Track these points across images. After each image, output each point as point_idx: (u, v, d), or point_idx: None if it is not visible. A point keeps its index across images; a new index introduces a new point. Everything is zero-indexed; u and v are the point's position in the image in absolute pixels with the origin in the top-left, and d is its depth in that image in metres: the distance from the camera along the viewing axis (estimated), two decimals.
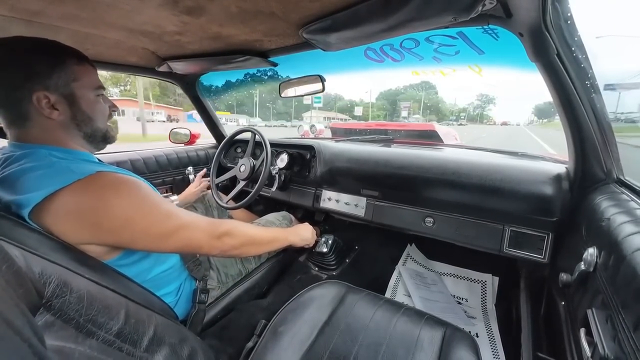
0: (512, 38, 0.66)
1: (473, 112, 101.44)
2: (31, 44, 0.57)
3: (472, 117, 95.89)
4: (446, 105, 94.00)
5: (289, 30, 0.82)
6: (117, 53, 1.04)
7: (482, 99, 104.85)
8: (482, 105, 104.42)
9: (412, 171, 1.08)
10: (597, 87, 0.65)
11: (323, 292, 0.81)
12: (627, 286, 0.42)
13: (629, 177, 0.72)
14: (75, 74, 0.60)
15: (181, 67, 1.18)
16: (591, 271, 0.54)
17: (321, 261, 1.32)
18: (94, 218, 0.53)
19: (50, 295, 0.36)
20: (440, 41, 0.91)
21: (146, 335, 0.46)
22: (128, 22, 0.76)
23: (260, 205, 1.90)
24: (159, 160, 1.50)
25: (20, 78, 0.55)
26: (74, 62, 0.60)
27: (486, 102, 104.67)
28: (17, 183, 0.51)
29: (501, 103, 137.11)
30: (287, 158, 1.41)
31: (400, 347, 0.65)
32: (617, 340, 0.41)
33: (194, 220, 0.67)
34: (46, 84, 0.56)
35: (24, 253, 0.37)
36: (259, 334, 0.73)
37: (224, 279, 0.96)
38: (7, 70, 0.54)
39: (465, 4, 0.56)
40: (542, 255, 0.89)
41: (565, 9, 0.55)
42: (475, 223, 1.00)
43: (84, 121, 0.63)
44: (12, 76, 0.54)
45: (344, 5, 0.64)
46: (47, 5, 0.65)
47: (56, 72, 0.57)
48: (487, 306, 1.19)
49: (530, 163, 0.98)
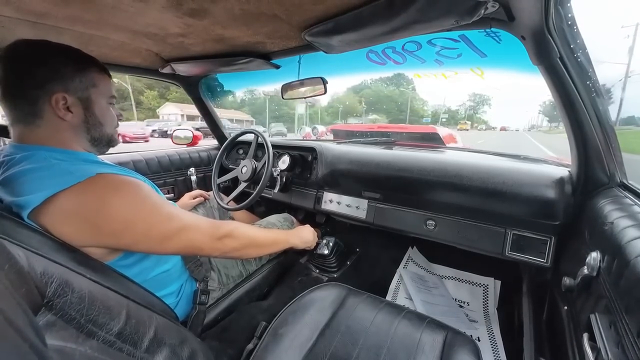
0: (514, 41, 0.66)
1: (464, 114, 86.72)
2: (61, 48, 0.61)
3: (459, 119, 77.03)
4: (419, 104, 77.57)
5: (292, 33, 0.82)
6: (120, 54, 1.05)
7: (475, 100, 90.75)
8: (475, 107, 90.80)
9: (413, 173, 1.07)
10: (599, 90, 0.65)
11: (324, 294, 0.81)
12: (630, 291, 0.42)
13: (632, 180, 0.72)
14: (94, 80, 0.64)
15: (184, 68, 1.18)
16: (594, 275, 0.54)
17: (322, 263, 1.32)
18: (94, 220, 0.53)
19: (52, 295, 0.36)
20: (442, 44, 0.91)
21: (146, 336, 0.46)
22: (132, 24, 0.77)
23: (262, 206, 1.90)
24: (161, 161, 1.51)
25: (44, 77, 0.57)
26: (96, 71, 0.65)
27: (480, 103, 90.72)
28: (17, 185, 0.52)
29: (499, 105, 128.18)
30: (288, 160, 1.41)
31: (401, 351, 0.64)
32: (620, 345, 0.41)
33: (195, 222, 0.67)
34: (67, 87, 0.59)
35: (27, 253, 0.37)
36: (259, 336, 0.73)
37: (225, 280, 0.96)
38: (32, 68, 0.57)
39: (468, 8, 0.56)
40: (545, 259, 0.88)
41: (568, 12, 0.55)
42: (477, 226, 1.00)
43: (94, 125, 0.65)
44: (37, 74, 0.57)
45: (347, 8, 0.64)
46: (52, 7, 0.65)
47: (79, 76, 0.61)
48: (489, 310, 1.18)
49: (533, 166, 0.98)
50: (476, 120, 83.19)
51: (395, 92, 67.49)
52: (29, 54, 0.57)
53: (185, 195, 1.31)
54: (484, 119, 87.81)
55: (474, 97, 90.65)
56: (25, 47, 0.58)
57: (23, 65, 0.57)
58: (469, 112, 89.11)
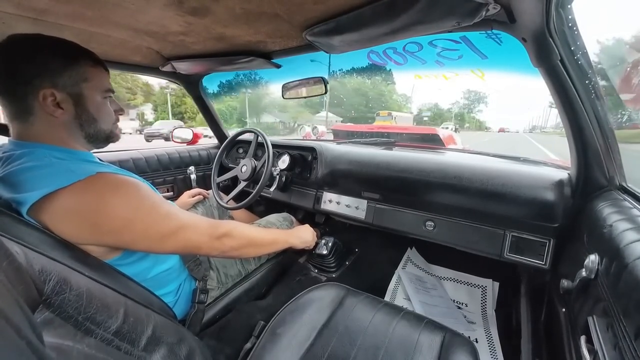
0: (515, 43, 0.66)
1: (458, 113, 70.52)
2: (50, 42, 0.59)
3: (446, 119, 58.30)
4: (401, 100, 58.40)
5: (293, 32, 0.82)
6: (121, 52, 1.04)
7: (470, 97, 75.90)
8: (470, 105, 75.64)
9: (413, 174, 1.07)
10: (599, 93, 0.65)
11: (322, 294, 0.81)
12: (628, 294, 0.42)
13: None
14: (87, 74, 0.61)
15: (185, 67, 1.18)
16: (592, 278, 0.54)
17: (321, 263, 1.32)
18: (94, 219, 0.53)
19: (50, 293, 0.36)
20: (443, 45, 0.91)
21: (144, 334, 0.46)
22: (133, 22, 0.77)
23: (261, 206, 1.90)
24: (161, 159, 1.51)
25: (30, 73, 0.56)
26: (89, 64, 0.62)
27: (475, 102, 75.63)
28: (17, 181, 0.52)
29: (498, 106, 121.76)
30: (288, 159, 1.41)
31: (398, 351, 0.64)
32: (618, 348, 0.41)
33: (194, 221, 0.67)
34: (55, 82, 0.57)
35: (25, 250, 0.37)
36: (257, 335, 0.73)
37: (224, 279, 0.95)
38: (20, 65, 0.55)
39: (469, 9, 0.56)
40: (543, 261, 0.88)
41: (569, 14, 0.55)
42: (476, 228, 1.00)
43: (87, 121, 0.63)
44: (23, 71, 0.55)
45: (348, 7, 0.64)
46: (53, 4, 0.65)
47: (68, 71, 0.58)
48: (487, 311, 1.18)
49: (532, 168, 0.98)
50: (468, 120, 69.96)
51: (365, 84, 49.11)
52: (18, 49, 0.56)
53: (185, 193, 1.30)
54: (478, 119, 74.61)
55: (469, 95, 76.35)
56: (15, 43, 0.56)
57: (12, 61, 0.55)
58: (462, 110, 74.28)
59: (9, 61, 0.55)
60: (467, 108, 75.61)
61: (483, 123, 73.68)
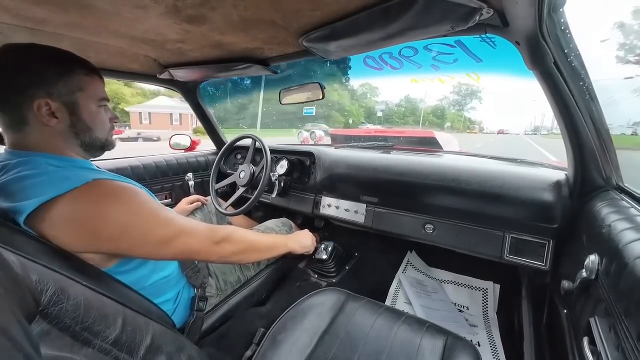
0: (509, 47, 0.67)
1: (443, 112, 55.27)
2: (45, 52, 0.59)
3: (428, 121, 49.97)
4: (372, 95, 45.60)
5: (290, 39, 0.83)
6: (119, 61, 1.05)
7: (461, 92, 59.61)
8: (461, 101, 59.92)
9: (412, 178, 1.08)
10: (594, 94, 0.65)
11: (323, 299, 0.80)
12: (629, 294, 0.42)
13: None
14: (82, 84, 0.61)
15: (183, 74, 1.19)
16: (593, 279, 0.54)
17: (321, 268, 1.31)
18: (92, 226, 0.53)
19: (47, 303, 0.36)
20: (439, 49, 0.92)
21: (143, 343, 0.45)
22: (131, 31, 0.77)
23: (260, 211, 1.90)
24: (159, 166, 1.50)
25: (24, 83, 0.55)
26: (83, 73, 0.62)
27: (467, 97, 59.91)
28: (14, 191, 0.51)
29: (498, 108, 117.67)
30: (287, 165, 1.42)
31: (401, 356, 0.64)
32: (621, 349, 0.40)
33: (193, 227, 0.66)
34: (50, 92, 0.57)
35: (22, 260, 0.37)
36: (257, 343, 0.72)
37: (223, 286, 0.95)
38: (14, 74, 0.55)
39: (463, 14, 0.57)
40: (544, 262, 0.88)
41: (561, 18, 0.55)
42: (476, 230, 1.00)
43: (83, 130, 0.63)
44: (17, 81, 0.55)
45: (344, 14, 0.65)
46: (51, 14, 0.65)
47: (63, 80, 0.58)
48: (488, 314, 1.17)
49: (530, 170, 0.98)
50: (452, 119, 56.55)
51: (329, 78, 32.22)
52: (12, 59, 0.56)
53: (183, 200, 1.29)
54: (469, 118, 61.35)
55: (460, 89, 60.30)
56: (9, 53, 0.56)
57: (6, 71, 0.55)
58: (453, 108, 60.00)
59: (3, 71, 0.55)
60: (458, 104, 61.06)
61: (476, 123, 61.75)
